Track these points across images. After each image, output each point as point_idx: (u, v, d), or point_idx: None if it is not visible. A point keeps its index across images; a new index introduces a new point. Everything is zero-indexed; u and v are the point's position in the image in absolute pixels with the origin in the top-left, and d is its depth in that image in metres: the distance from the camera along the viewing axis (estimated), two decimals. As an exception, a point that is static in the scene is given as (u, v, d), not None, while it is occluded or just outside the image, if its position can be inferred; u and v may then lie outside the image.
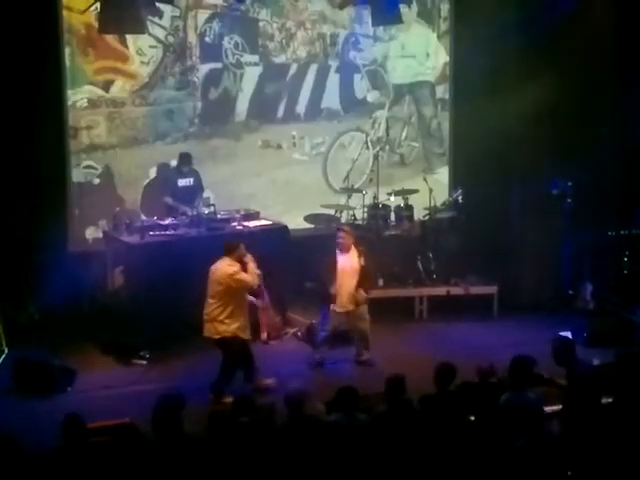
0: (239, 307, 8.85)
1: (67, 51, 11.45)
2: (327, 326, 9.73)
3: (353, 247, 9.67)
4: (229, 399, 8.77)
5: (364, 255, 9.67)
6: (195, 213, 10.76)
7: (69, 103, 11.55)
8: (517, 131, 12.16)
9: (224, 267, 8.80)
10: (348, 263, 9.61)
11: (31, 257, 10.81)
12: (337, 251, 9.65)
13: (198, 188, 11.30)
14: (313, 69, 12.81)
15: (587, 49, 11.97)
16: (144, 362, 9.84)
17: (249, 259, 9.02)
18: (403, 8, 11.94)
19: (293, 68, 12.73)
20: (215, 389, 8.89)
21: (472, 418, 6.68)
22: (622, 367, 6.88)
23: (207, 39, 12.18)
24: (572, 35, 11.95)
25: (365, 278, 9.68)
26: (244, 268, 8.91)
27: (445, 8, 13.20)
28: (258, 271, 9.04)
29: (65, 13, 11.35)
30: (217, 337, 8.86)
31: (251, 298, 9.36)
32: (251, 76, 12.49)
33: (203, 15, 12.12)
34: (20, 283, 10.79)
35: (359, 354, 9.85)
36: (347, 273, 9.59)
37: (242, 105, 12.52)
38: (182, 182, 11.16)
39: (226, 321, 8.77)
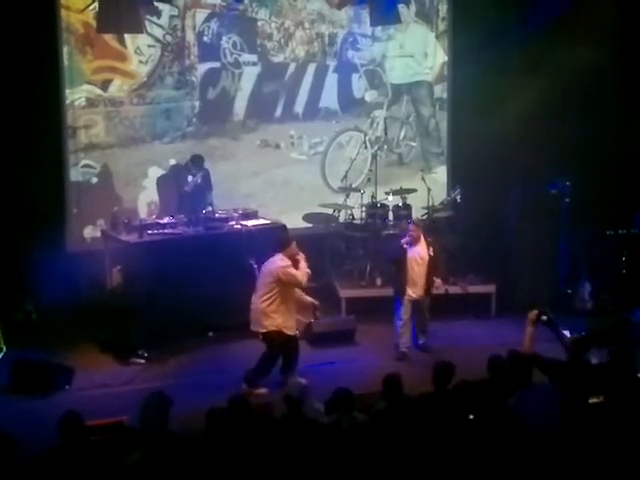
0: (286, 303, 8.99)
1: (65, 50, 11.45)
2: (402, 314, 10.02)
3: (422, 239, 10.03)
4: (263, 391, 8.85)
5: (432, 246, 10.05)
6: (204, 211, 10.76)
7: (67, 102, 11.56)
8: (515, 130, 12.16)
9: (276, 261, 8.97)
10: (418, 254, 9.95)
11: (29, 256, 10.79)
12: (406, 244, 9.98)
13: (207, 188, 11.27)
14: (311, 69, 12.81)
15: (586, 49, 11.96)
16: (142, 361, 9.84)
17: (301, 257, 9.15)
18: (401, 8, 11.98)
19: (291, 68, 12.73)
20: (249, 379, 8.98)
21: (471, 417, 6.67)
22: (615, 363, 6.86)
23: (205, 38, 12.18)
24: (571, 35, 11.94)
25: (435, 267, 10.11)
26: (295, 266, 9.04)
27: (443, 8, 13.17)
28: (308, 270, 9.14)
29: (63, 12, 11.36)
30: (262, 331, 8.98)
31: (308, 298, 9.42)
32: (249, 76, 12.49)
33: (201, 14, 12.12)
34: (18, 282, 10.78)
35: (417, 338, 10.29)
36: (418, 263, 9.95)
37: (240, 104, 12.53)
38: (190, 181, 11.14)
39: (272, 315, 8.92)
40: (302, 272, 9.05)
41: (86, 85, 11.65)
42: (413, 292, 9.98)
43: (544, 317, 7.22)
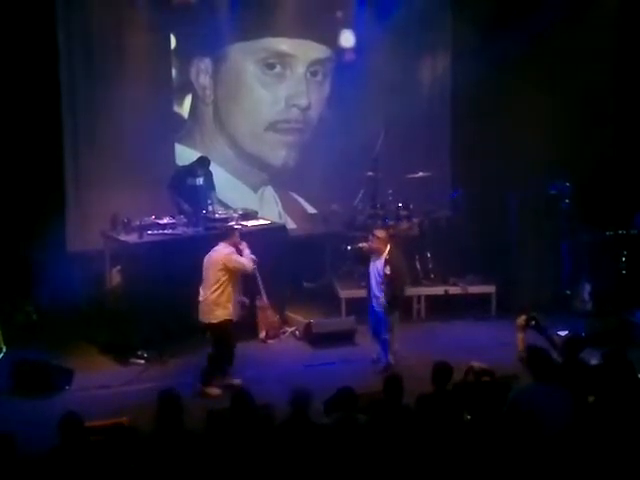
0: (234, 290, 9.10)
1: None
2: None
3: (385, 253, 9.36)
4: (216, 391, 8.84)
5: (390, 264, 9.28)
6: (203, 212, 10.74)
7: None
8: (516, 131, 12.13)
9: (220, 249, 9.06)
10: (376, 269, 9.39)
11: (29, 256, 10.80)
12: (363, 249, 9.77)
13: (208, 188, 11.16)
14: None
15: (587, 49, 11.99)
16: (142, 361, 9.84)
17: (244, 246, 9.28)
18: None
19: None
20: (204, 378, 9.01)
21: (469, 417, 6.67)
22: (608, 365, 6.84)
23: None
24: (571, 38, 11.98)
25: (388, 286, 9.29)
26: (240, 254, 9.18)
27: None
28: (253, 256, 9.28)
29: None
30: (215, 321, 9.00)
31: (241, 298, 9.59)
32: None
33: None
34: (18, 282, 10.80)
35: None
36: (375, 279, 9.40)
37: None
38: (190, 181, 11.07)
39: (226, 305, 8.99)
40: (247, 259, 9.18)
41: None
42: (375, 303, 9.53)
43: (532, 322, 7.26)
